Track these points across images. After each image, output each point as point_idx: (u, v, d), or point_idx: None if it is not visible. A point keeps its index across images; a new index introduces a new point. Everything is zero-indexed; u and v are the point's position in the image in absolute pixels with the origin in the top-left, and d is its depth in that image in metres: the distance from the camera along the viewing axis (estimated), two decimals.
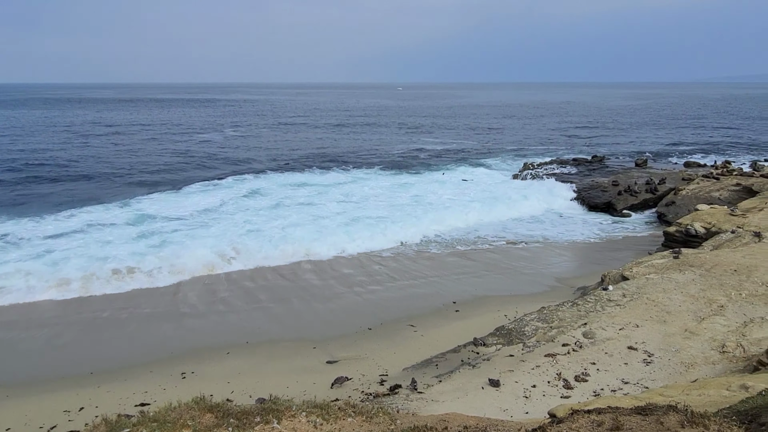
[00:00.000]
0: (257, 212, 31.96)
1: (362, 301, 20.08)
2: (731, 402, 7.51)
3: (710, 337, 13.33)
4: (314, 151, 59.35)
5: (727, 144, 68.13)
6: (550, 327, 15.22)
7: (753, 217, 24.38)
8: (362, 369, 14.87)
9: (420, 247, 26.75)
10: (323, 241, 26.14)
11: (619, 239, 28.59)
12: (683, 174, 39.71)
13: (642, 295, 16.25)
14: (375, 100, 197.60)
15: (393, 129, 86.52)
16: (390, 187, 40.19)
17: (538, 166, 45.72)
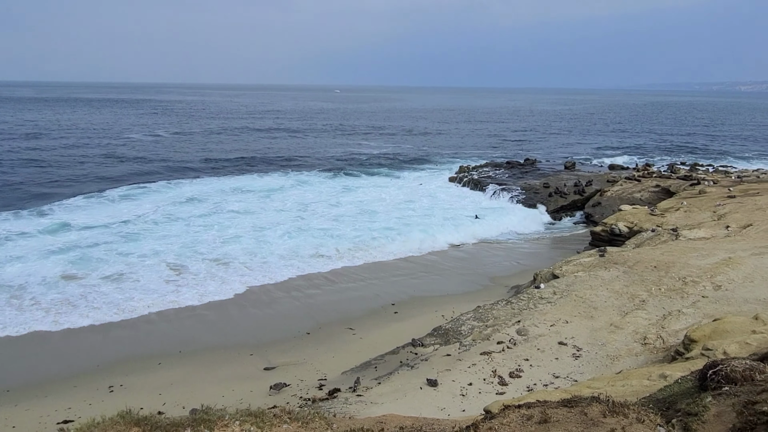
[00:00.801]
0: (192, 221, 30.16)
1: (300, 306, 19.84)
2: (651, 391, 7.94)
3: (633, 331, 14.06)
4: (252, 153, 58.20)
5: (648, 147, 72.36)
6: (485, 326, 15.59)
7: (670, 217, 25.98)
8: (301, 374, 14.68)
9: (359, 251, 26.68)
10: (266, 262, 24.43)
11: (550, 239, 29.72)
12: (608, 176, 41.78)
13: (571, 292, 16.94)
14: (313, 102, 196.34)
15: (331, 132, 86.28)
16: (332, 193, 39.40)
17: (473, 169, 46.80)
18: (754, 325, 10.44)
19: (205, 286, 21.14)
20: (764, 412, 4.41)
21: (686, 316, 14.18)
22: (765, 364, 5.97)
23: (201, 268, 22.92)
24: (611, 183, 38.73)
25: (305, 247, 26.14)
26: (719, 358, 6.54)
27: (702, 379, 6.02)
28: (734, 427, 4.68)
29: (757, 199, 26.62)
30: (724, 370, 5.61)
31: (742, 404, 4.75)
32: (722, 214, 24.65)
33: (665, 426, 4.02)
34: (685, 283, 16.19)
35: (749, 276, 16.16)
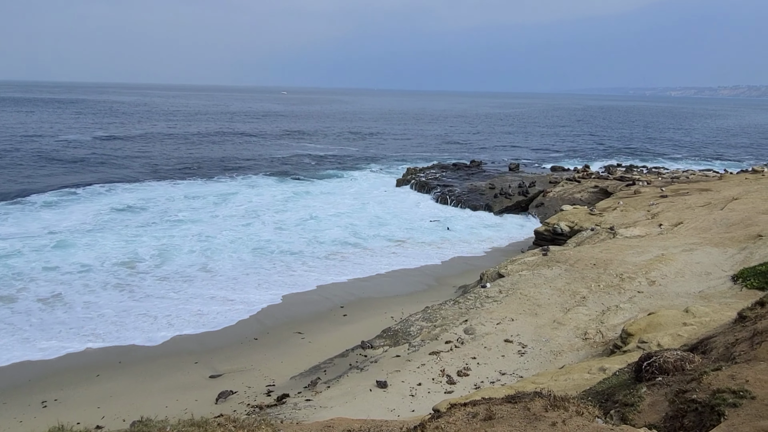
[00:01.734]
0: (130, 231, 28.16)
1: (247, 311, 19.42)
2: (591, 383, 8.23)
3: (575, 326, 14.55)
4: (196, 157, 56.67)
5: (588, 149, 75.25)
6: (434, 326, 15.75)
7: (608, 216, 27.07)
8: (248, 381, 14.38)
9: (308, 254, 26.42)
10: (213, 268, 23.56)
11: (496, 239, 30.36)
12: (550, 177, 43.16)
13: (516, 290, 17.36)
14: (259, 103, 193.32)
15: (279, 134, 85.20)
16: (281, 198, 38.33)
17: (420, 171, 47.27)
18: (685, 318, 11.00)
19: (151, 295, 20.38)
20: (693, 400, 4.63)
21: (623, 311, 14.79)
22: (695, 354, 6.29)
23: (146, 277, 22.07)
24: (553, 184, 40.00)
25: (254, 254, 25.67)
26: (653, 351, 6.84)
27: (637, 370, 6.29)
28: (667, 415, 4.90)
29: (686, 198, 28.12)
30: (658, 362, 5.87)
31: (673, 393, 4.98)
32: (655, 213, 25.88)
33: (603, 417, 4.17)
34: (622, 280, 16.89)
35: (680, 271, 17.03)
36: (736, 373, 4.67)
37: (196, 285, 21.65)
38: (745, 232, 19.79)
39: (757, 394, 4.29)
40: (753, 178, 31.65)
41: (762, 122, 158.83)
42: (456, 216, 35.20)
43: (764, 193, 26.16)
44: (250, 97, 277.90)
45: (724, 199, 26.30)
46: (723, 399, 4.38)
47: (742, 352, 5.23)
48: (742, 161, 64.74)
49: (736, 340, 5.66)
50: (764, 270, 14.32)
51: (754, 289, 13.76)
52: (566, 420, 3.84)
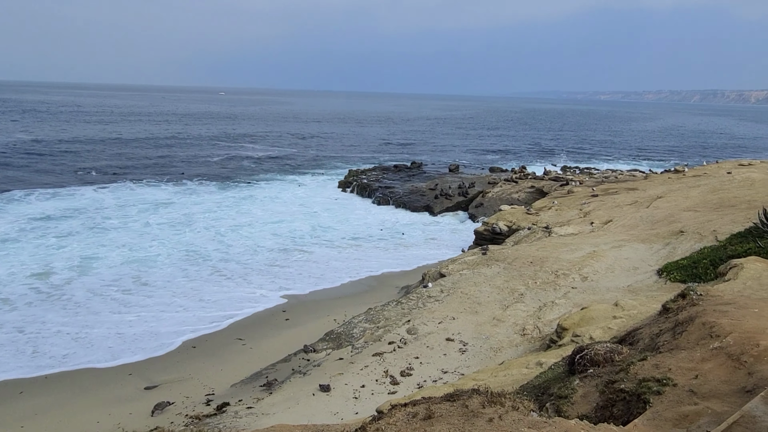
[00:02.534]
0: (49, 241, 26.28)
1: (184, 319, 18.80)
2: (529, 378, 8.47)
3: (513, 323, 14.94)
4: (127, 160, 54.24)
5: (524, 150, 77.69)
6: (377, 327, 15.78)
7: (544, 215, 28.01)
8: (186, 391, 13.90)
9: (248, 262, 25.83)
10: (148, 279, 22.43)
11: (437, 239, 30.80)
12: (489, 178, 44.24)
13: (457, 289, 17.65)
14: (197, 104, 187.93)
15: (217, 136, 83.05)
16: (219, 205, 36.55)
17: (362, 173, 47.34)
18: (615, 311, 11.52)
19: (75, 307, 19.32)
20: (622, 390, 4.84)
21: (559, 306, 15.32)
22: (623, 345, 6.58)
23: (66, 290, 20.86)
24: (492, 185, 41.01)
25: (189, 262, 24.87)
26: (585, 344, 7.11)
27: (571, 363, 6.51)
28: (598, 405, 5.09)
29: (615, 197, 29.51)
30: (589, 354, 6.10)
31: (603, 384, 5.18)
32: (587, 212, 27.01)
33: (538, 411, 4.28)
34: (557, 276, 17.50)
35: (610, 267, 17.83)
36: (660, 362, 4.92)
37: (125, 297, 20.61)
38: (669, 228, 20.96)
39: (678, 381, 4.53)
40: (675, 177, 33.61)
41: (682, 124, 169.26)
42: (398, 217, 35.47)
43: (685, 191, 27.82)
44: (187, 97, 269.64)
45: (650, 197, 27.77)
46: (648, 387, 4.60)
47: (666, 342, 5.51)
48: (665, 161, 68.68)
49: (660, 331, 5.96)
50: (686, 264, 15.21)
51: (677, 282, 14.57)
52: (503, 415, 3.92)
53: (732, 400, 4.06)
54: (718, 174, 31.25)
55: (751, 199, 22.46)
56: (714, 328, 5.09)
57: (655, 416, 4.19)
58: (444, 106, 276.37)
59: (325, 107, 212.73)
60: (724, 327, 5.02)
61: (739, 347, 4.61)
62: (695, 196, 25.96)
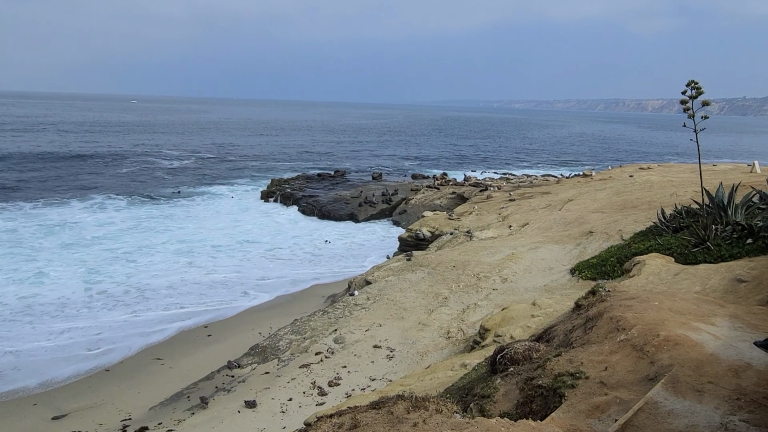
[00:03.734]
0: None
1: (95, 340, 17.65)
2: (454, 380, 8.64)
3: (438, 326, 15.22)
4: (18, 177, 49.57)
5: (445, 157, 79.73)
6: (303, 338, 15.55)
7: (465, 220, 28.84)
8: (99, 418, 13.04)
9: (168, 281, 24.70)
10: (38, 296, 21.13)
11: (362, 247, 30.89)
12: (412, 185, 44.99)
13: (383, 296, 17.76)
14: (106, 113, 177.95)
15: (129, 147, 79.00)
16: (131, 224, 33.53)
17: (285, 183, 46.69)
18: (533, 310, 12.01)
19: None
20: (539, 386, 5.04)
21: (481, 308, 15.79)
22: (540, 343, 6.86)
23: None
24: (414, 191, 41.73)
25: (101, 281, 23.45)
26: (506, 343, 7.35)
27: (492, 363, 6.71)
28: (518, 402, 5.27)
29: (531, 201, 30.89)
30: (509, 353, 6.31)
31: (523, 381, 5.37)
32: (505, 216, 28.08)
33: (461, 412, 4.36)
34: (479, 279, 18.03)
35: (528, 268, 18.60)
36: (573, 357, 5.16)
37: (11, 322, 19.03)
38: (579, 229, 22.19)
39: (590, 374, 4.78)
40: (584, 181, 35.68)
41: (589, 131, 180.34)
42: (322, 226, 35.25)
43: (593, 194, 29.58)
44: (95, 105, 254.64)
45: (561, 200, 29.30)
46: (563, 382, 4.82)
47: (578, 337, 5.80)
48: (575, 166, 72.81)
49: (573, 327, 6.27)
50: (595, 262, 16.14)
51: (588, 279, 15.43)
52: (426, 419, 3.96)
53: (637, 388, 4.33)
54: (622, 177, 33.49)
55: (651, 200, 24.22)
56: (620, 322, 5.42)
57: (569, 409, 4.39)
58: (365, 114, 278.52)
59: (244, 116, 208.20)
60: (629, 320, 5.36)
61: (642, 338, 4.94)
62: (602, 199, 27.67)
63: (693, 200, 17.04)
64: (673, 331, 4.96)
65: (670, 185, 27.06)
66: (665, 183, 28.18)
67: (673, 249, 12.82)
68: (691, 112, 11.76)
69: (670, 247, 13.05)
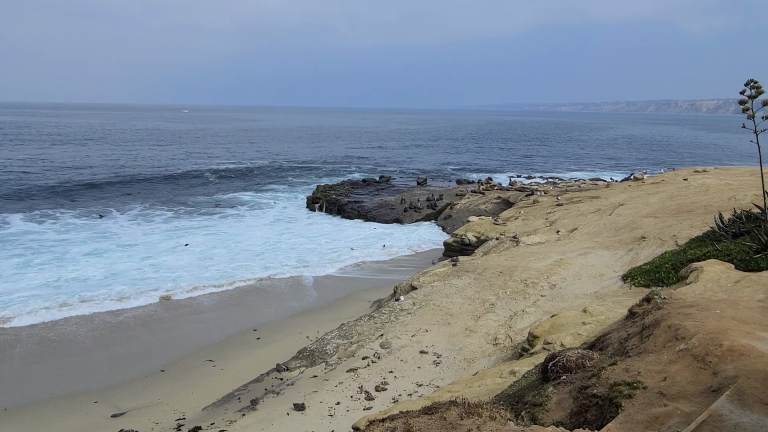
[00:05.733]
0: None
1: (152, 342, 18.33)
2: (503, 387, 8.54)
3: (485, 333, 15.07)
4: (68, 185, 51.83)
5: (490, 162, 78.93)
6: (350, 342, 15.68)
7: (511, 225, 28.45)
8: (155, 417, 13.52)
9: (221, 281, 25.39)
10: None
11: (408, 252, 30.90)
12: (456, 190, 44.74)
13: (429, 301, 17.72)
14: (160, 122, 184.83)
15: (181, 153, 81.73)
16: (180, 229, 35.64)
17: (331, 189, 47.24)
18: (584, 318, 11.74)
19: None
20: (594, 395, 4.94)
21: (529, 314, 15.53)
22: (593, 351, 6.72)
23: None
24: (459, 196, 41.49)
25: (158, 281, 24.37)
26: (557, 351, 7.23)
27: (544, 371, 6.61)
28: (572, 412, 5.18)
29: (579, 206, 30.20)
30: (561, 361, 6.20)
31: (576, 390, 5.28)
32: (553, 221, 27.55)
33: (514, 420, 4.33)
34: (526, 285, 17.76)
35: (577, 274, 18.19)
36: (630, 366, 5.04)
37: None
38: (631, 234, 21.55)
39: (648, 384, 4.65)
40: (635, 185, 34.62)
41: (639, 134, 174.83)
42: (367, 232, 35.47)
43: (645, 198, 28.66)
44: (149, 115, 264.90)
45: (612, 205, 28.52)
46: (619, 391, 4.71)
47: (634, 345, 5.66)
48: (625, 169, 70.72)
49: (628, 335, 6.11)
50: (648, 269, 15.64)
51: (641, 286, 14.96)
52: (480, 426, 3.95)
53: (699, 400, 4.19)
54: (675, 181, 32.33)
55: (707, 204, 23.29)
56: (679, 331, 5.25)
57: (627, 419, 4.29)
58: (409, 120, 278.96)
59: (289, 123, 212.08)
60: (689, 329, 5.19)
61: (704, 348, 4.77)
62: (654, 203, 26.78)
63: (754, 204, 16.28)
64: (737, 340, 4.78)
65: (727, 189, 25.95)
66: (722, 186, 27.04)
67: (732, 255, 12.30)
68: (751, 113, 11.29)
69: (729, 253, 12.53)
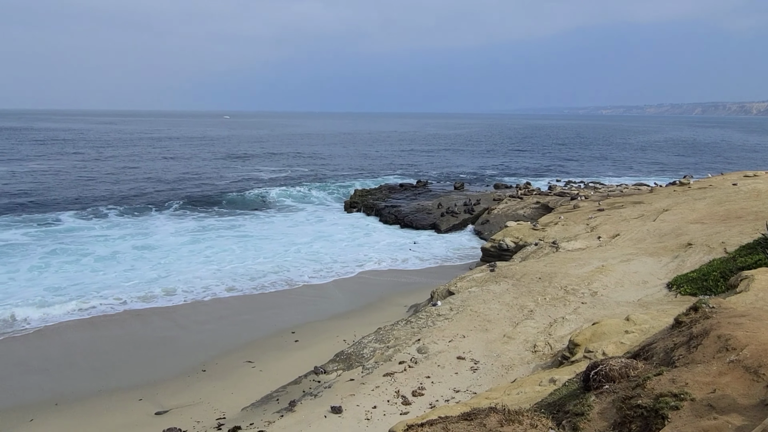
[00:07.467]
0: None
1: (194, 342, 18.79)
2: (543, 395, 8.40)
3: (524, 340, 14.85)
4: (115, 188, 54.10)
5: (529, 166, 77.84)
6: (387, 347, 15.71)
7: (550, 230, 27.97)
8: (197, 415, 13.84)
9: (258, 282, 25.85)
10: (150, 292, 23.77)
11: (444, 257, 30.75)
12: (494, 195, 44.29)
13: (466, 307, 17.59)
14: (203, 128, 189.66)
15: (224, 158, 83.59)
16: (231, 231, 37.01)
17: (368, 193, 47.47)
18: (627, 326, 11.44)
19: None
20: (639, 405, 4.82)
21: (569, 322, 15.24)
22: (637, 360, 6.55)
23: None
24: (497, 201, 41.05)
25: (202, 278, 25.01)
26: (599, 359, 7.08)
27: (585, 380, 6.47)
28: (615, 422, 5.06)
29: (622, 211, 29.46)
30: (604, 370, 6.07)
31: (620, 400, 5.16)
32: (594, 226, 26.96)
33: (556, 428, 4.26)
34: (566, 292, 17.43)
35: (620, 281, 17.75)
36: (677, 377, 4.89)
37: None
38: (676, 241, 20.89)
39: (696, 395, 4.51)
40: (680, 190, 33.55)
41: (685, 137, 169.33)
42: (404, 236, 35.48)
43: (691, 203, 27.76)
44: (192, 122, 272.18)
45: (656, 210, 27.72)
46: (666, 402, 4.58)
47: (681, 356, 5.49)
48: (670, 174, 68.59)
49: (675, 345, 5.94)
50: (695, 277, 15.13)
51: (687, 295, 14.49)
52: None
53: (752, 413, 4.04)
54: (724, 185, 31.19)
55: (758, 210, 22.40)
56: (729, 341, 5.07)
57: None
58: (446, 125, 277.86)
59: (327, 128, 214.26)
60: (740, 339, 5.00)
61: (756, 360, 4.60)
62: (702, 209, 25.89)
63: None
64: None
65: None
66: None
67: None
68: None
69: None
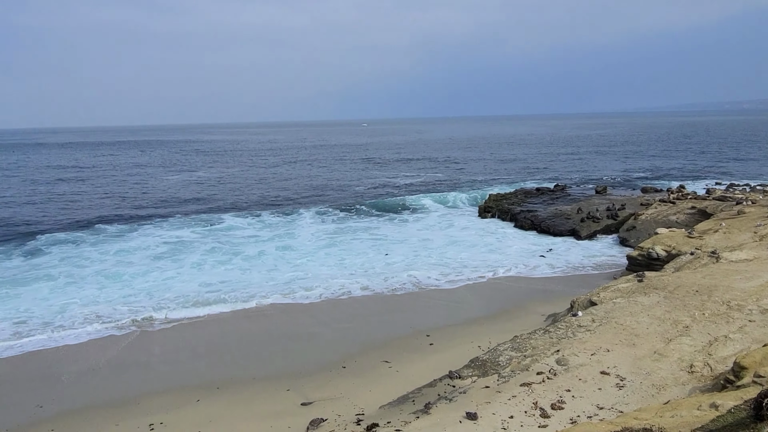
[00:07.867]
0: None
1: (336, 339, 19.83)
2: (703, 421, 7.67)
3: (678, 358, 13.61)
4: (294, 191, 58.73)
5: (679, 168, 71.01)
6: (524, 356, 15.30)
7: (709, 239, 25.29)
8: (338, 409, 14.59)
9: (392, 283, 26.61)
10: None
11: (585, 264, 29.16)
12: (641, 199, 41.05)
13: (610, 319, 16.54)
14: (344, 137, 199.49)
15: (364, 164, 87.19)
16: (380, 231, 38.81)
17: (503, 197, 46.53)
18: None
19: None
20: None
21: (734, 341, 13.69)
22: None
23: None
24: (645, 206, 38.03)
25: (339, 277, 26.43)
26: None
27: (757, 408, 5.83)
28: None
29: None
30: None
31: None
32: (764, 235, 23.90)
33: None
34: (729, 308, 15.67)
35: None
36: None
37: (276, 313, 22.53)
38: None
39: None
40: None
41: None
42: (538, 242, 34.26)
43: None
44: (334, 130, 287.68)
45: None
46: None
47: None
48: None
49: None
50: None
51: None
52: None
53: None
54: None
55: None
56: None
57: None
58: (585, 125, 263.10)
59: (461, 133, 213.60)
60: None
61: None
62: None
63: None
64: None
65: None
66: None
67: None
68: None
69: None
